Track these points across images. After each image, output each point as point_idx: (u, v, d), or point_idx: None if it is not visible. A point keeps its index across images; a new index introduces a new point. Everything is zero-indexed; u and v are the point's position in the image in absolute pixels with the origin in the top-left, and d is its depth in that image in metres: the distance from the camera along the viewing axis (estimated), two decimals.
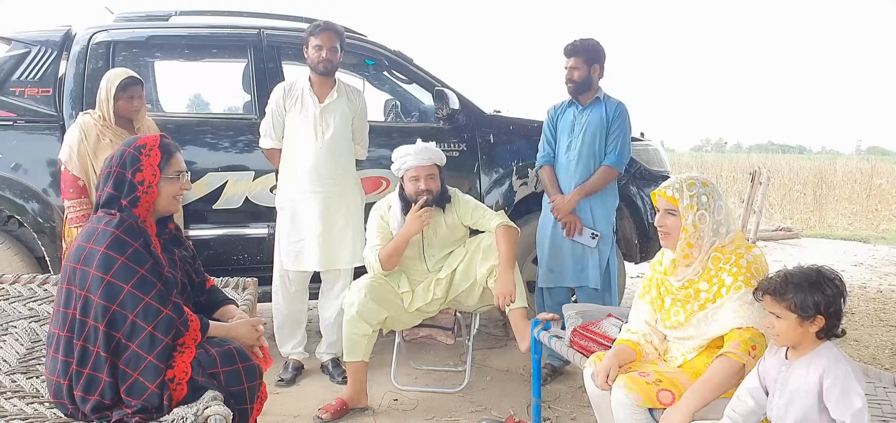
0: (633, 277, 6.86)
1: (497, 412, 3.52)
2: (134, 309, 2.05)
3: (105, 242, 2.07)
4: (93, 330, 2.05)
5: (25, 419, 2.05)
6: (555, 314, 3.23)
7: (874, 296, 6.30)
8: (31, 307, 2.80)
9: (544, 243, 3.92)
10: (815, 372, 1.90)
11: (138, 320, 2.05)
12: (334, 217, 3.81)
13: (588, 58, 3.79)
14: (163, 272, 2.16)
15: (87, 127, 3.49)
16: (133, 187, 2.18)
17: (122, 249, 2.08)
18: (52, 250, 3.98)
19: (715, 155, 24.86)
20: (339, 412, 3.43)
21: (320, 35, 3.76)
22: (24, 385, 2.31)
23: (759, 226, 9.02)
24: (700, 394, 2.20)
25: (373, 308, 3.45)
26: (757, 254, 2.36)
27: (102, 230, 2.10)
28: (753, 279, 2.25)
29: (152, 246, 2.17)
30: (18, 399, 2.18)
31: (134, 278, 2.06)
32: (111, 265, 2.05)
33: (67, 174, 3.49)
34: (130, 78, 3.54)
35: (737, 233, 2.42)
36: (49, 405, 2.19)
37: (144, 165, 2.21)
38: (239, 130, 4.21)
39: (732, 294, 2.29)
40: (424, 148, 3.56)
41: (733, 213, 2.48)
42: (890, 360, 4.48)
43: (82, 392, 2.05)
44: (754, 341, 2.21)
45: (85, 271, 2.07)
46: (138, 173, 2.19)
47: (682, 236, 2.40)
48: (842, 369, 1.88)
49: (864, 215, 12.74)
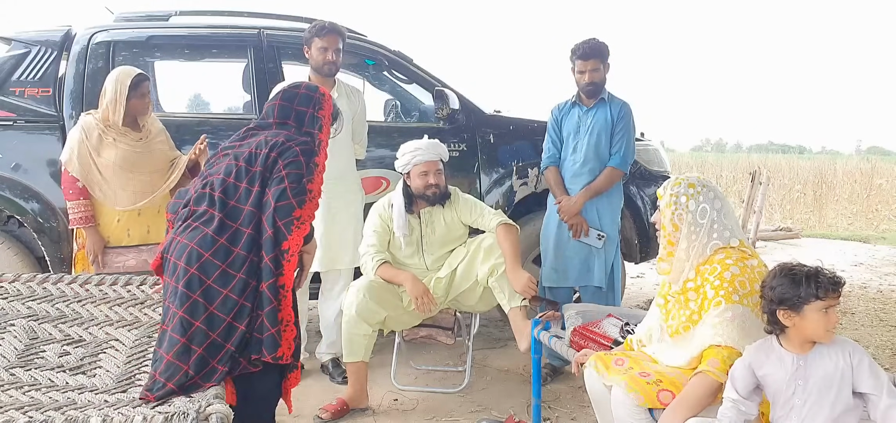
0: (634, 277, 6.87)
1: (497, 412, 3.52)
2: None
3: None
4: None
5: (20, 407, 2.05)
6: (555, 312, 3.23)
7: (874, 296, 6.30)
8: (30, 306, 2.80)
9: (549, 242, 3.92)
10: (842, 357, 1.93)
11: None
12: (335, 218, 3.81)
13: (603, 58, 3.79)
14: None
15: (88, 128, 3.48)
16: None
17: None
18: (52, 250, 3.99)
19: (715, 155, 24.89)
20: (339, 412, 3.42)
21: (326, 37, 3.76)
22: (22, 377, 2.31)
23: (759, 226, 9.02)
24: (676, 413, 2.15)
25: (372, 308, 3.44)
26: (753, 264, 2.29)
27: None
28: (735, 294, 2.21)
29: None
30: (15, 390, 2.18)
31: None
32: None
33: (66, 175, 3.48)
34: (140, 75, 3.53)
35: (740, 242, 2.36)
36: (45, 391, 2.19)
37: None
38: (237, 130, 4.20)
39: (711, 309, 2.24)
40: (434, 143, 3.60)
41: (732, 219, 2.39)
42: (890, 360, 4.48)
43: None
44: (733, 360, 2.15)
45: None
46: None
47: (661, 232, 2.44)
48: (859, 348, 1.94)
49: (865, 215, 12.74)
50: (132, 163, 3.47)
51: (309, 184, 2.41)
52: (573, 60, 3.82)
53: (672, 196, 2.40)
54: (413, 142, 3.63)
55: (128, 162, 3.46)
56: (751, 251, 2.37)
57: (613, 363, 2.43)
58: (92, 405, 2.12)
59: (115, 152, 3.45)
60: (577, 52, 3.78)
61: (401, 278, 3.53)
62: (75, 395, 2.20)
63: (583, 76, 3.78)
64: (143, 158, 3.49)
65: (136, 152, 3.48)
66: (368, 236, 3.63)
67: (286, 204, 2.33)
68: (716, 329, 2.21)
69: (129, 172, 3.46)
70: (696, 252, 2.36)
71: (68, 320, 2.78)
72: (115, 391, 2.25)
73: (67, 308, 2.84)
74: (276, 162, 2.37)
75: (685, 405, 2.15)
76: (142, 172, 3.50)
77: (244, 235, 2.31)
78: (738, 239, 2.36)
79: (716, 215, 2.36)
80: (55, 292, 2.92)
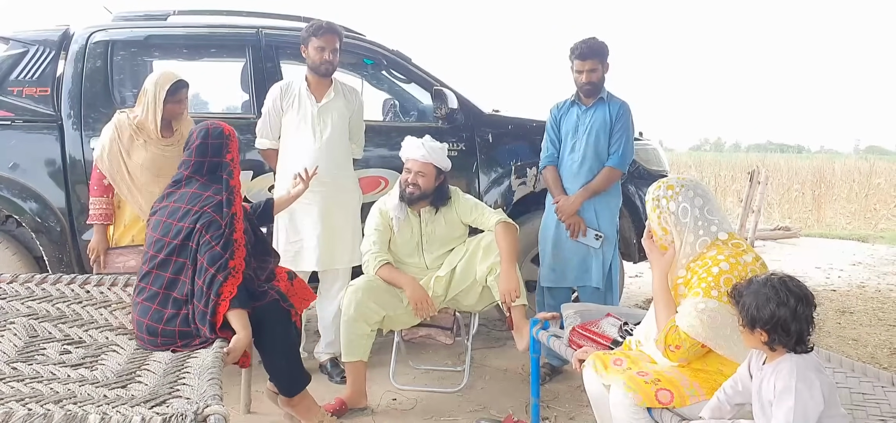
0: (632, 276, 6.87)
1: (496, 412, 3.52)
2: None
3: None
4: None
5: (21, 399, 2.04)
6: (555, 313, 3.23)
7: (873, 295, 6.31)
8: (29, 306, 2.80)
9: (547, 242, 3.92)
10: (778, 381, 1.89)
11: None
12: (333, 217, 3.81)
13: (602, 58, 3.78)
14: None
15: (121, 126, 3.49)
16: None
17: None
18: (50, 249, 3.98)
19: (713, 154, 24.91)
20: (338, 411, 3.42)
21: (323, 37, 3.75)
22: (24, 370, 2.31)
23: (757, 225, 9.02)
24: (659, 288, 2.40)
25: (371, 308, 3.44)
26: (747, 260, 2.29)
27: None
28: (715, 289, 2.22)
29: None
30: (16, 382, 2.18)
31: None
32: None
33: (95, 171, 3.52)
34: (179, 82, 3.53)
35: (730, 235, 2.37)
36: (47, 383, 2.19)
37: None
38: (237, 130, 4.19)
39: (689, 297, 2.28)
40: (422, 144, 3.57)
41: (717, 213, 2.40)
42: (888, 359, 4.48)
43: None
44: (679, 342, 2.24)
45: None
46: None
47: (653, 237, 2.48)
48: (791, 383, 1.85)
49: (863, 214, 12.75)
50: (159, 167, 3.47)
51: (233, 235, 2.78)
52: (572, 60, 3.81)
53: (654, 200, 2.44)
54: (413, 138, 3.64)
55: (155, 165, 3.46)
56: (745, 246, 2.37)
57: (612, 362, 2.43)
58: (91, 399, 2.11)
59: (145, 155, 3.47)
60: (576, 51, 3.78)
61: (401, 282, 3.53)
62: (76, 387, 2.19)
63: (581, 76, 3.78)
64: (171, 162, 3.46)
65: (164, 157, 3.49)
66: (370, 235, 3.63)
67: (220, 260, 2.70)
68: (685, 314, 2.26)
69: (155, 176, 3.45)
70: (685, 251, 2.37)
71: (68, 321, 2.77)
72: (115, 385, 2.25)
73: (68, 309, 2.84)
74: (202, 235, 2.73)
75: (659, 301, 2.39)
76: (167, 176, 3.49)
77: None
78: (726, 232, 2.37)
79: (698, 211, 2.38)
80: (54, 292, 2.92)
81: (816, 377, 1.87)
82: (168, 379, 2.31)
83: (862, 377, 2.56)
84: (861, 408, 2.31)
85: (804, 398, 1.83)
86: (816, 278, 7.04)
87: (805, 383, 1.85)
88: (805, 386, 1.84)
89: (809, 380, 1.85)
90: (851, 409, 2.27)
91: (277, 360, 3.00)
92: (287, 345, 2.99)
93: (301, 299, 3.12)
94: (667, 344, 2.28)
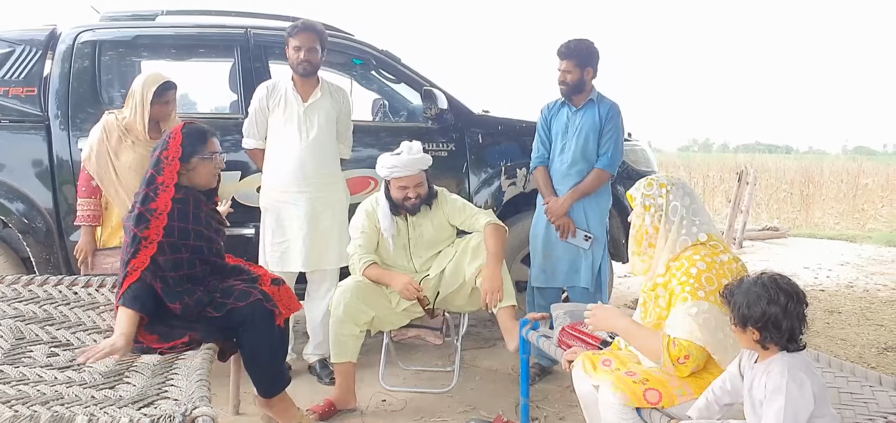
0: (621, 277, 6.89)
1: (485, 412, 3.52)
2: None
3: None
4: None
5: (7, 401, 2.03)
6: (544, 313, 3.23)
7: (861, 295, 6.34)
8: (16, 307, 2.78)
9: (537, 242, 3.92)
10: (769, 381, 1.90)
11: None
12: (320, 217, 3.80)
13: (581, 61, 3.76)
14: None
15: (109, 127, 3.48)
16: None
17: None
18: (37, 250, 3.96)
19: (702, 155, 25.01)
20: (327, 412, 3.41)
21: (298, 35, 3.73)
22: (10, 372, 2.30)
23: (746, 226, 9.08)
24: (629, 334, 2.43)
25: (360, 308, 3.43)
26: (723, 260, 2.31)
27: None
28: (701, 290, 2.23)
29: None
30: (2, 384, 2.17)
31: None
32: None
33: (83, 172, 3.51)
34: (167, 83, 3.52)
35: (710, 236, 2.38)
36: (33, 385, 2.18)
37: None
38: (226, 130, 4.17)
39: (677, 305, 2.27)
40: (411, 160, 3.51)
41: (702, 215, 2.41)
42: (876, 358, 4.51)
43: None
44: (687, 352, 2.21)
45: None
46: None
47: (634, 232, 2.50)
48: (782, 383, 1.86)
49: (851, 214, 12.84)
50: (146, 168, 3.44)
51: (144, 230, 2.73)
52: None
53: (649, 199, 2.44)
54: (389, 157, 3.54)
55: (143, 166, 3.42)
56: (723, 246, 2.39)
57: (601, 362, 2.44)
58: (79, 400, 2.10)
59: (133, 156, 3.46)
60: (558, 50, 3.81)
61: (387, 278, 3.52)
62: (63, 389, 2.18)
63: (558, 74, 3.81)
64: None
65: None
66: (356, 237, 3.62)
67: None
68: (673, 320, 2.25)
69: (142, 177, 3.43)
70: (668, 248, 2.39)
71: (56, 323, 2.76)
72: (103, 386, 2.24)
73: (55, 310, 2.83)
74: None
75: (635, 338, 2.41)
76: None
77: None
78: (706, 233, 2.38)
79: (685, 211, 2.39)
80: (42, 294, 2.90)
81: (807, 377, 1.87)
82: (156, 381, 2.30)
83: (850, 377, 2.57)
84: (849, 407, 2.32)
85: (794, 398, 1.84)
86: (805, 277, 7.07)
87: (796, 383, 1.85)
88: (796, 386, 1.85)
89: (800, 380, 1.86)
90: (840, 409, 2.28)
91: (258, 360, 2.97)
92: (269, 346, 2.95)
93: (285, 306, 3.07)
94: (673, 361, 2.23)
